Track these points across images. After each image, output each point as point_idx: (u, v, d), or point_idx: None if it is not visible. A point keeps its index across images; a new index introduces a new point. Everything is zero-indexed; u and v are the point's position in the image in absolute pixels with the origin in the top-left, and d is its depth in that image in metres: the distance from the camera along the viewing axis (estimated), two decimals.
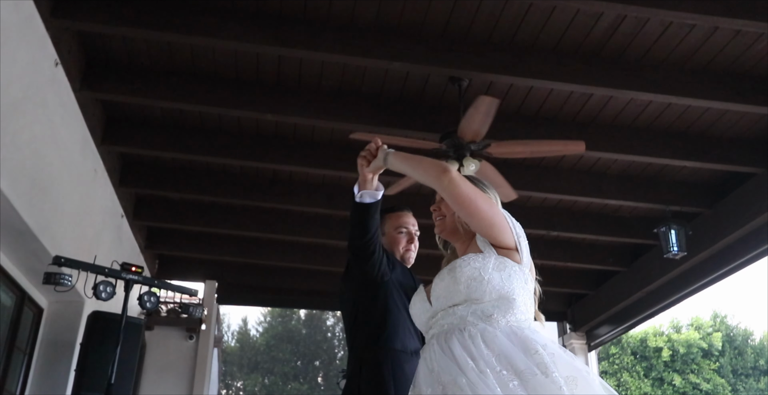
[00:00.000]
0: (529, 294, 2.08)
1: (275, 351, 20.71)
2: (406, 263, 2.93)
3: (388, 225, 2.98)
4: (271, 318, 21.94)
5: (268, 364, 20.71)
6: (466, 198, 2.05)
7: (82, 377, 4.82)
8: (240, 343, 21.17)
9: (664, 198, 6.31)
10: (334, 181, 6.66)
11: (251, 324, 21.64)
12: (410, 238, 2.92)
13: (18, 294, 5.30)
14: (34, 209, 4.49)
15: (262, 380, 20.78)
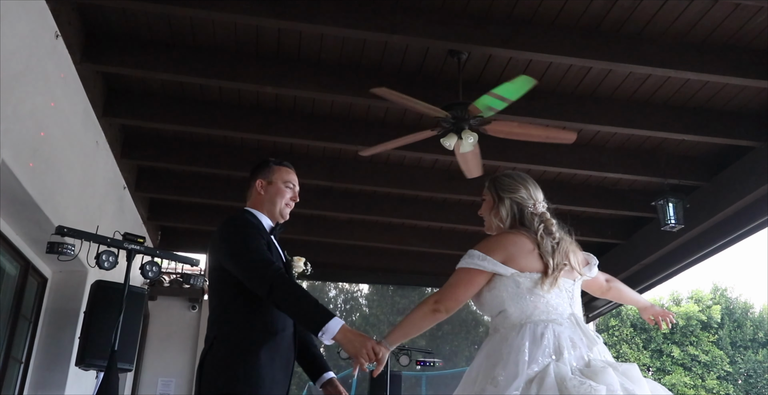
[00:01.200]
0: (527, 293, 2.43)
1: None
2: (283, 217, 2.86)
3: (277, 177, 2.87)
4: None
5: None
6: (459, 303, 2.53)
7: (86, 344, 4.91)
8: None
9: (662, 171, 6.34)
10: (335, 154, 6.70)
11: None
12: (293, 195, 2.90)
13: (22, 264, 5.39)
14: (36, 180, 4.55)
15: None
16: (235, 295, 2.53)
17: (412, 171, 6.95)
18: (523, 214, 2.60)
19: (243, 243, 2.55)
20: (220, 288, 2.60)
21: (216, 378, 2.42)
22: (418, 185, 7.00)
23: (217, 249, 2.62)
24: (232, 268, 2.52)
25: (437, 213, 7.70)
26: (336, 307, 23.63)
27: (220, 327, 2.53)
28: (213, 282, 2.64)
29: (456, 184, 6.90)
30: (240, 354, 2.42)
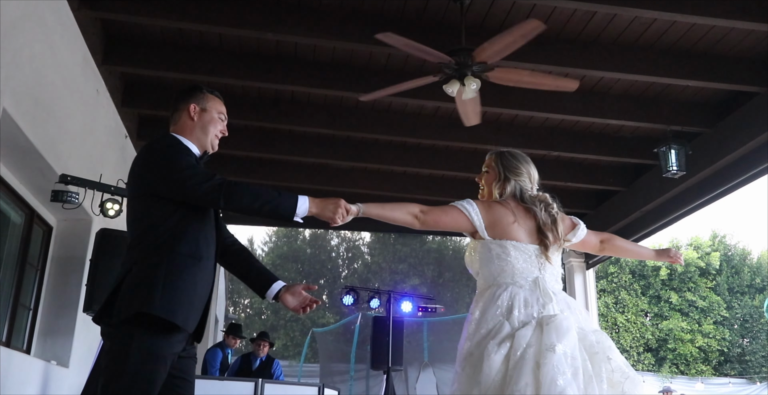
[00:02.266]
0: (495, 259, 2.74)
1: (281, 270, 21.16)
2: (213, 147, 2.75)
3: (212, 105, 2.77)
4: (277, 238, 22.31)
5: None
6: (434, 225, 2.76)
7: (93, 291, 4.98)
8: None
9: (665, 118, 6.31)
10: (336, 101, 6.66)
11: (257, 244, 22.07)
12: (224, 128, 2.82)
13: (27, 212, 5.42)
14: (38, 128, 4.54)
15: None
16: (160, 222, 2.41)
17: (413, 118, 6.91)
18: (523, 195, 2.87)
19: (178, 162, 2.44)
20: (143, 216, 2.45)
21: (132, 297, 2.30)
22: (420, 133, 6.98)
23: (147, 173, 2.48)
24: (169, 190, 2.42)
25: (439, 161, 7.69)
26: (338, 255, 23.92)
27: (142, 251, 2.38)
28: (134, 211, 2.50)
29: (457, 132, 6.86)
30: (161, 275, 2.33)
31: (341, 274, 22.47)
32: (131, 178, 2.56)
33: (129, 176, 2.58)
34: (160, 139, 2.62)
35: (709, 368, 20.68)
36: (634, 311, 20.83)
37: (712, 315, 20.90)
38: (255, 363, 8.03)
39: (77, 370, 5.83)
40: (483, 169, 3.01)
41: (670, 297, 20.88)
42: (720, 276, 21.42)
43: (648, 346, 20.85)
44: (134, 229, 2.47)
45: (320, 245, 22.33)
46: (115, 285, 2.36)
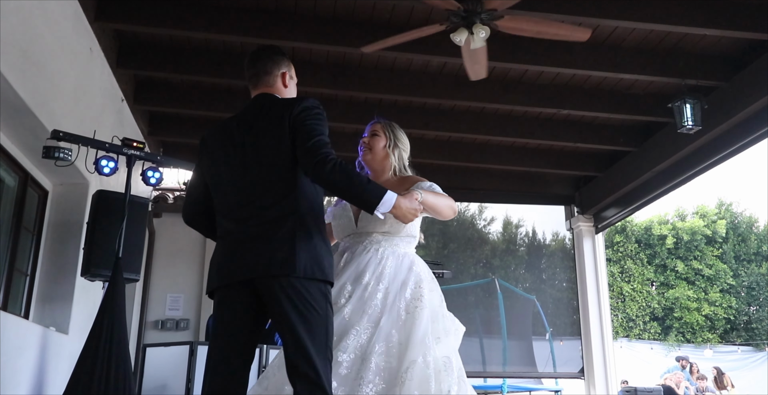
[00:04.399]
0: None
1: None
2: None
3: (294, 76, 2.83)
4: None
5: None
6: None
7: (91, 254, 4.82)
8: None
9: (680, 71, 6.08)
10: (338, 59, 6.43)
11: None
12: None
13: (21, 175, 5.23)
14: (28, 83, 4.33)
15: None
16: (310, 188, 2.50)
17: (419, 76, 6.68)
18: (404, 165, 3.21)
19: (324, 125, 2.55)
20: (295, 178, 2.46)
21: (313, 263, 2.39)
22: (425, 92, 6.75)
23: (307, 121, 2.49)
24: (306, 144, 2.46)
25: (445, 122, 7.48)
26: None
27: (298, 205, 2.44)
28: (284, 152, 2.46)
29: (464, 91, 6.66)
30: (326, 243, 2.51)
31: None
32: (290, 120, 2.52)
33: (291, 118, 2.51)
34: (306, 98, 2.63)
35: (715, 336, 20.61)
36: (640, 280, 20.71)
37: (718, 284, 20.77)
38: None
39: (77, 337, 5.68)
40: (371, 133, 3.22)
41: (676, 266, 20.73)
42: (726, 244, 21.25)
43: (654, 315, 20.77)
44: (279, 172, 2.47)
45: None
46: (291, 232, 2.39)
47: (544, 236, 23.89)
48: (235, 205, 2.49)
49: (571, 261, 10.76)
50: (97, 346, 4.03)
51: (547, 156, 8.40)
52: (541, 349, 12.31)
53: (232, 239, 2.46)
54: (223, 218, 2.52)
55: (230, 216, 2.49)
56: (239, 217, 2.46)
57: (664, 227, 21.08)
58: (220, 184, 2.56)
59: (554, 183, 9.11)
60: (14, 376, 4.46)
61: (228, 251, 2.46)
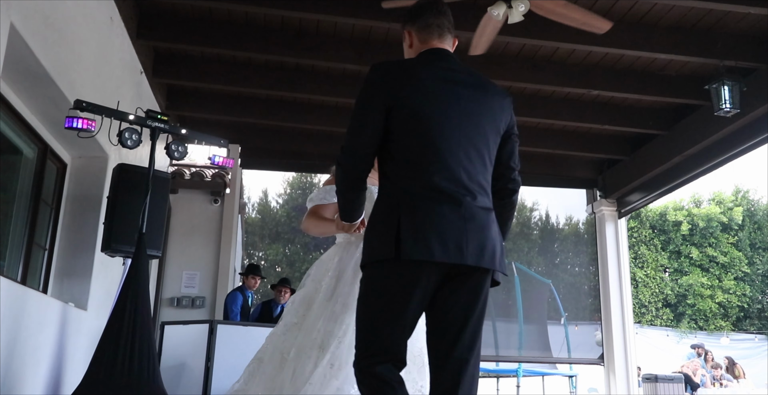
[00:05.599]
0: None
1: (295, 222, 20.91)
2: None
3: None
4: (291, 190, 22.02)
5: (289, 235, 21.01)
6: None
7: (111, 229, 4.70)
8: (261, 215, 21.39)
9: (718, 52, 5.88)
10: (364, 33, 6.25)
11: (271, 196, 21.79)
12: None
13: (40, 147, 5.10)
14: (49, 50, 4.18)
15: (284, 250, 21.19)
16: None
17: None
18: None
19: None
20: (493, 156, 2.35)
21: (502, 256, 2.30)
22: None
23: (517, 136, 2.47)
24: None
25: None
26: None
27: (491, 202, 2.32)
28: (494, 145, 2.35)
29: (493, 69, 6.48)
30: None
31: None
32: (508, 117, 2.41)
33: (505, 115, 2.39)
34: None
35: (728, 324, 20.46)
36: (653, 266, 20.54)
37: (732, 271, 20.58)
38: (276, 310, 7.81)
39: (95, 313, 5.59)
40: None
41: (691, 253, 20.54)
42: (742, 232, 21.02)
43: (667, 302, 20.63)
44: (488, 180, 2.32)
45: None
46: (496, 234, 2.24)
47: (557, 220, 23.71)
48: (461, 172, 2.21)
49: (584, 246, 10.60)
50: (120, 324, 3.92)
51: (572, 138, 8.22)
52: (555, 334, 12.21)
53: (453, 211, 2.15)
54: (437, 177, 2.17)
55: (451, 180, 2.18)
56: (465, 188, 2.20)
57: (679, 213, 20.87)
58: (440, 137, 2.21)
59: (577, 166, 8.94)
60: (35, 353, 4.36)
61: (453, 226, 2.13)
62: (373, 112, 2.23)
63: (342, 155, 2.27)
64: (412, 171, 2.20)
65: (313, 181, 21.74)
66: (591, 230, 10.82)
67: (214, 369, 5.83)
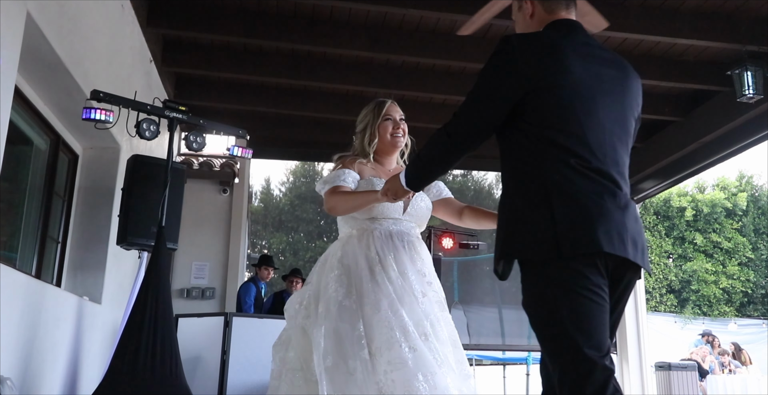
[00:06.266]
0: None
1: (299, 210, 20.83)
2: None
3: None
4: (294, 178, 21.91)
5: (293, 223, 20.96)
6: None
7: (127, 222, 4.61)
8: (264, 203, 21.30)
9: (741, 37, 5.77)
10: (379, 20, 6.12)
11: (274, 184, 21.67)
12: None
13: (52, 138, 5.00)
14: (64, 40, 4.07)
15: (287, 238, 21.15)
16: None
17: (461, 40, 6.36)
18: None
19: None
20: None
21: None
22: (468, 55, 6.44)
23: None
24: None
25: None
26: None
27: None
28: (633, 130, 2.19)
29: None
30: None
31: None
32: (641, 101, 2.24)
33: (640, 98, 2.23)
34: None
35: (732, 309, 20.45)
36: (657, 252, 20.50)
37: (737, 257, 20.55)
38: None
39: (109, 307, 5.52)
40: (401, 117, 3.01)
41: (695, 239, 20.49)
42: (746, 217, 20.97)
43: (671, 288, 20.61)
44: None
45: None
46: (641, 226, 2.07)
47: None
48: (613, 158, 2.03)
49: None
50: (142, 319, 3.84)
51: None
52: None
53: (611, 200, 1.96)
54: (591, 162, 1.98)
55: (604, 166, 2.00)
56: (619, 174, 2.03)
57: (683, 199, 20.80)
58: (589, 119, 2.02)
59: None
60: (53, 348, 4.29)
61: (613, 216, 1.94)
62: (507, 87, 2.03)
63: (457, 124, 2.12)
64: (561, 155, 1.98)
65: (316, 170, 21.64)
66: None
67: (230, 362, 5.77)
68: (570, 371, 1.85)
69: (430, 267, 2.79)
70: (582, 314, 1.86)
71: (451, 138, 2.13)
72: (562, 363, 1.86)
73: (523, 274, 1.98)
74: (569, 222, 1.89)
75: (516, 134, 2.06)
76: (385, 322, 2.49)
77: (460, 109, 2.13)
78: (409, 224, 2.84)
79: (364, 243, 2.71)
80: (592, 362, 1.82)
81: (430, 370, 2.40)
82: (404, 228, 2.82)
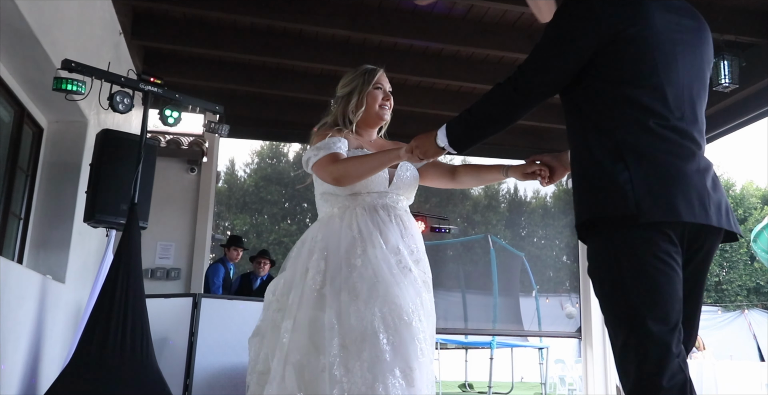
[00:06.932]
0: None
1: (264, 192, 20.61)
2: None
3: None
4: (260, 159, 21.65)
5: (257, 205, 20.73)
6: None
7: (95, 199, 4.47)
8: (228, 184, 21.02)
9: (718, 26, 5.78)
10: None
11: (238, 165, 21.36)
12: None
13: (17, 110, 4.79)
14: (34, 6, 3.87)
15: (251, 220, 20.93)
16: None
17: (441, 21, 6.28)
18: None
19: None
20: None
21: None
22: (446, 38, 6.36)
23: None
24: None
25: (459, 72, 7.12)
26: None
27: None
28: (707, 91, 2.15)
29: (487, 39, 6.31)
30: None
31: None
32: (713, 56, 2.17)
33: (713, 53, 2.16)
34: None
35: None
36: None
37: None
38: (255, 282, 7.64)
39: (74, 286, 5.35)
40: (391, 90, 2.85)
41: None
42: None
43: None
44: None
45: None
46: (722, 187, 1.98)
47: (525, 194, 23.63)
48: (693, 118, 1.94)
49: (551, 219, 10.56)
50: (112, 300, 3.71)
51: (557, 110, 8.10)
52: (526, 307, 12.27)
53: (690, 163, 1.87)
54: (671, 122, 1.89)
55: (684, 126, 1.90)
56: (699, 134, 1.95)
57: None
58: (669, 75, 1.92)
59: (559, 139, 8.84)
60: (15, 328, 4.12)
61: (692, 180, 1.85)
62: (586, 37, 1.90)
63: (525, 78, 1.96)
64: (638, 116, 1.87)
65: (282, 151, 21.41)
66: (559, 203, 10.78)
67: (198, 345, 5.65)
68: (631, 346, 1.75)
69: (420, 244, 2.59)
70: (647, 283, 1.76)
71: (517, 92, 1.99)
72: (624, 337, 1.78)
73: (590, 240, 1.90)
74: (647, 188, 1.79)
75: (587, 92, 1.95)
76: (363, 312, 2.29)
77: (527, 62, 2.00)
78: (396, 197, 2.63)
79: (347, 222, 2.50)
80: (654, 337, 1.72)
81: (409, 365, 2.24)
82: (391, 202, 2.61)
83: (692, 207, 1.80)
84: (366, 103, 2.71)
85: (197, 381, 5.54)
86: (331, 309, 2.30)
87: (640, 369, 1.71)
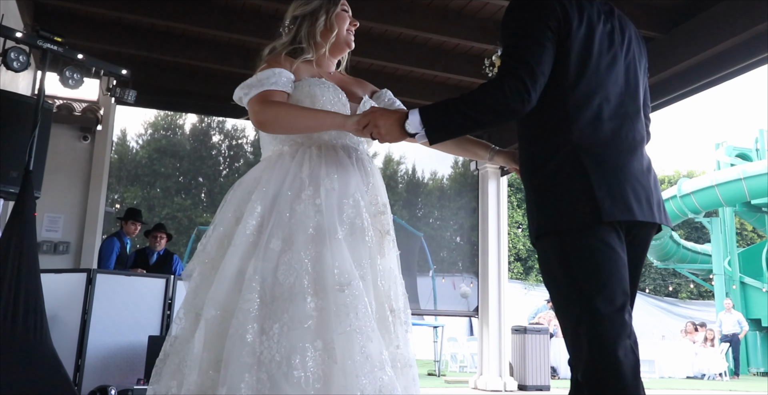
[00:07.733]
0: None
1: (157, 165, 19.84)
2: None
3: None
4: (153, 130, 20.78)
5: (149, 178, 19.94)
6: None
7: None
8: (119, 155, 20.08)
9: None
10: None
11: (130, 136, 20.44)
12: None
13: None
14: None
15: (142, 193, 20.13)
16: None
17: (408, 7, 6.19)
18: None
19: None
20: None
21: None
22: (365, 14, 6.24)
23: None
24: None
25: (424, 60, 7.09)
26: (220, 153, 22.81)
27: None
28: (642, 96, 2.18)
29: (454, 27, 6.32)
30: None
31: (221, 172, 21.48)
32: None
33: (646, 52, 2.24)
34: None
35: None
36: (509, 222, 21.47)
37: None
38: (152, 257, 7.34)
39: None
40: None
41: None
42: None
43: (518, 256, 21.72)
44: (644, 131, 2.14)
45: (201, 141, 21.02)
46: (659, 183, 2.08)
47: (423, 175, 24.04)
48: (634, 118, 2.00)
49: (447, 201, 10.76)
50: (2, 273, 3.42)
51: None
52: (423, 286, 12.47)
53: (638, 162, 1.95)
54: (616, 124, 1.94)
55: (629, 128, 1.97)
56: (641, 135, 2.02)
57: None
58: (610, 77, 1.95)
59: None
60: None
61: (640, 179, 1.92)
62: (549, 33, 1.87)
63: (516, 76, 1.82)
64: (585, 118, 1.89)
65: (179, 123, 20.65)
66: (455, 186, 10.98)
67: (91, 322, 5.37)
68: (583, 326, 1.79)
69: (383, 195, 2.23)
70: (593, 266, 1.82)
71: (513, 91, 1.87)
72: (576, 318, 1.81)
73: (542, 246, 1.94)
74: (605, 191, 1.84)
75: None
76: (295, 264, 1.93)
77: (510, 57, 1.88)
78: (357, 138, 2.25)
79: (297, 162, 2.13)
80: (604, 316, 1.76)
81: (333, 338, 1.87)
82: (351, 143, 2.24)
83: (642, 206, 1.89)
84: (337, 26, 2.36)
85: (90, 361, 5.28)
86: (258, 258, 1.95)
87: (593, 346, 1.74)
